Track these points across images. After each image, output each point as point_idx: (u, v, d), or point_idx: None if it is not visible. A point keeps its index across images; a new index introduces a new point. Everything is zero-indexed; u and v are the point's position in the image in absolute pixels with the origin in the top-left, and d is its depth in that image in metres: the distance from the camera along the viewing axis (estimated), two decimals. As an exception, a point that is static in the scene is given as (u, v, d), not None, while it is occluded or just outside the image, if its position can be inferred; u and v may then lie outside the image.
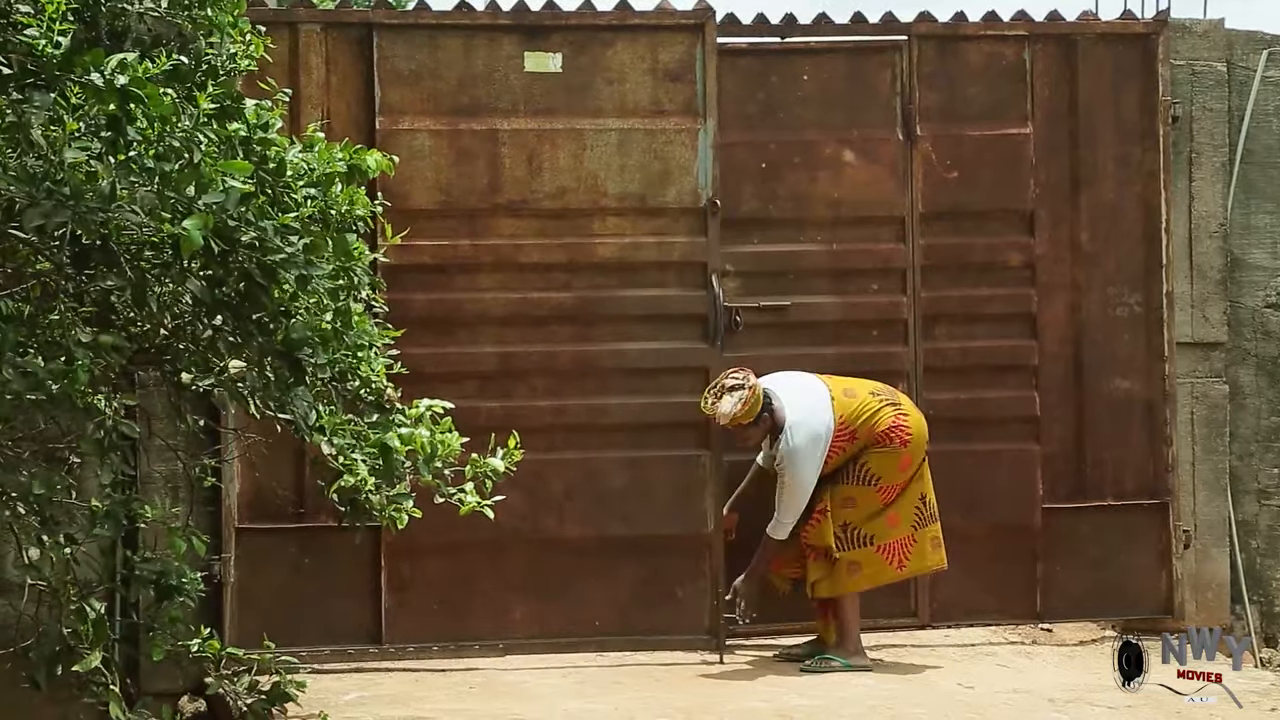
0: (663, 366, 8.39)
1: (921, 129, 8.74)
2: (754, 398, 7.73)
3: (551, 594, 8.22)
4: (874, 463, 7.91)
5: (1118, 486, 8.82)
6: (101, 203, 4.60)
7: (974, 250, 8.78)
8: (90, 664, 5.11)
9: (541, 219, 8.37)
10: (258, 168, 4.94)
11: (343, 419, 5.39)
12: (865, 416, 7.87)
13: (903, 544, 8.04)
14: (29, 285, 5.15)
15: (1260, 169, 9.07)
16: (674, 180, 8.41)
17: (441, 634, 8.15)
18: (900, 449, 7.90)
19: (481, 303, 8.28)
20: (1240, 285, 9.04)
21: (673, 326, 8.43)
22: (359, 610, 8.08)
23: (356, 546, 7.46)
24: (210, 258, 4.82)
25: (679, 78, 8.41)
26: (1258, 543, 9.03)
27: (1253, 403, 9.06)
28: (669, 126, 8.40)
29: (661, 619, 8.34)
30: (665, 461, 8.34)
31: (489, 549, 8.08)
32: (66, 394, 4.91)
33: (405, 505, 5.55)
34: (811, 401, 7.86)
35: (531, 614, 8.24)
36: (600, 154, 8.38)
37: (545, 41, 8.38)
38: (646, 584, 8.35)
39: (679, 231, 8.44)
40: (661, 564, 8.33)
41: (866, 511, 7.95)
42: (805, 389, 7.95)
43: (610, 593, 8.32)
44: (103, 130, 4.71)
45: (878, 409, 7.90)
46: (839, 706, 7.31)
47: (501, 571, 8.22)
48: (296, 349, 5.19)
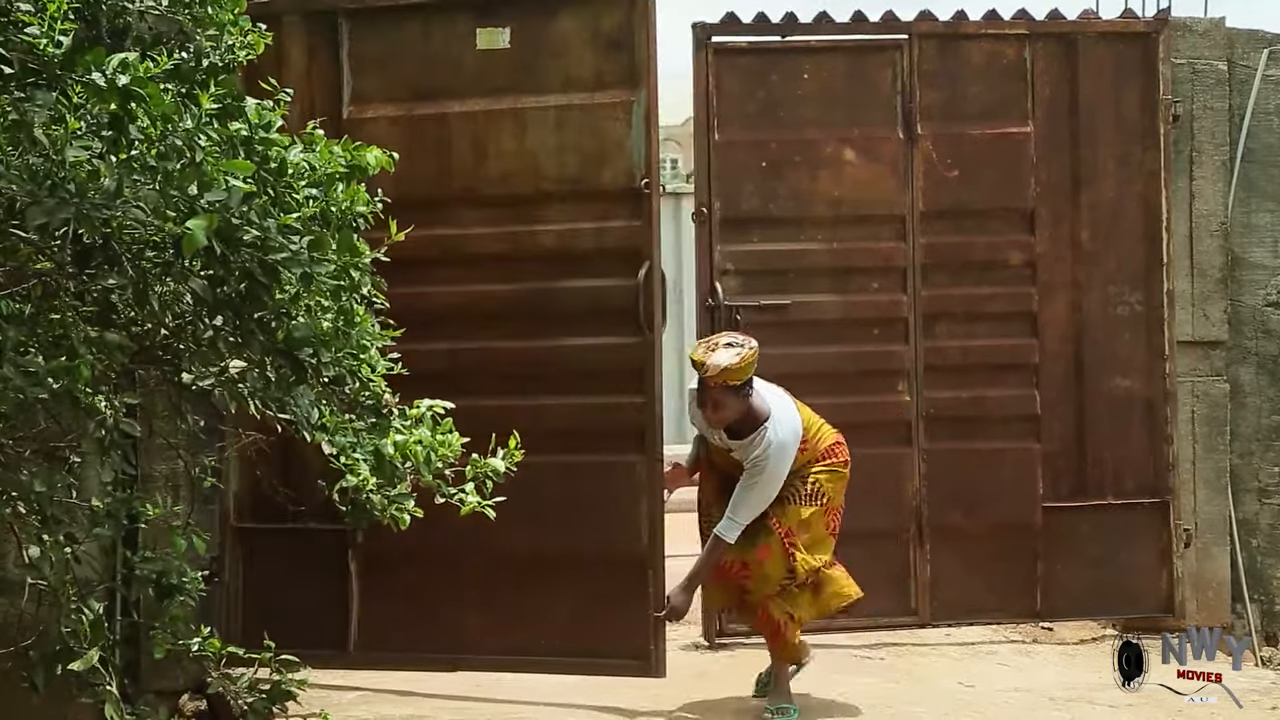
0: (599, 365, 7.59)
1: (922, 128, 8.74)
2: (752, 358, 6.98)
3: (496, 609, 7.70)
4: (824, 482, 7.21)
5: (1118, 485, 8.82)
6: (105, 200, 4.60)
7: (975, 249, 8.78)
8: (88, 663, 5.11)
9: (489, 207, 7.76)
10: (259, 167, 4.94)
11: (343, 419, 5.38)
12: (815, 428, 7.29)
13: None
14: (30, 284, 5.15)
15: (1261, 168, 9.07)
16: (610, 160, 7.63)
17: (403, 644, 7.74)
18: (843, 470, 7.27)
19: (430, 299, 7.58)
20: (1241, 284, 9.05)
21: (610, 320, 7.59)
22: (334, 614, 7.80)
23: (332, 551, 7.42)
24: (212, 257, 4.81)
25: (620, 45, 7.61)
26: (1258, 541, 9.03)
27: (1253, 401, 9.06)
28: (606, 100, 7.62)
29: (599, 638, 7.53)
30: (599, 468, 7.54)
31: (445, 560, 7.55)
32: (68, 392, 4.91)
33: (407, 505, 5.54)
34: (785, 402, 7.32)
35: (483, 628, 7.71)
36: (539, 134, 7.73)
37: (495, 16, 7.79)
38: (586, 600, 7.58)
39: (617, 216, 7.63)
40: (597, 579, 7.53)
41: (816, 533, 7.19)
42: (775, 391, 7.40)
43: (550, 609, 7.64)
44: (104, 129, 4.71)
45: (821, 425, 7.33)
46: (841, 706, 7.31)
47: (456, 583, 7.71)
48: (298, 348, 5.18)
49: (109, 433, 5.07)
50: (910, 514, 8.67)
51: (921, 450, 8.69)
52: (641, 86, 7.52)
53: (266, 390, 5.21)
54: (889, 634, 8.72)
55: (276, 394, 5.21)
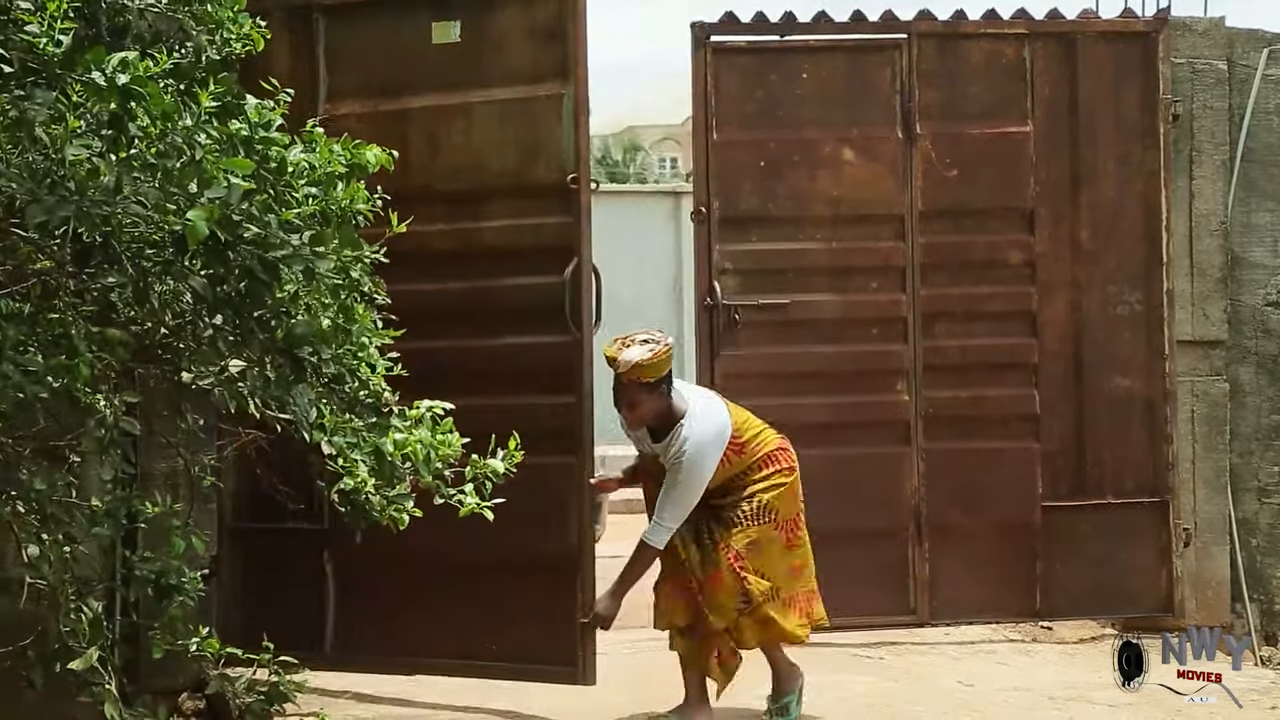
0: (532, 364, 7.34)
1: (921, 127, 8.74)
2: (666, 355, 6.63)
3: (438, 613, 7.48)
4: (769, 496, 6.83)
5: (1118, 484, 8.82)
6: (105, 198, 4.60)
7: (974, 248, 8.78)
8: (87, 662, 5.11)
9: (442, 204, 7.51)
10: (259, 166, 4.94)
11: (342, 419, 5.39)
12: (755, 430, 6.92)
13: (808, 596, 7.04)
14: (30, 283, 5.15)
15: (1261, 167, 9.08)
16: (544, 154, 7.40)
17: (370, 647, 7.58)
18: (789, 476, 6.89)
19: (397, 298, 6.83)
20: (1241, 283, 9.05)
21: (542, 319, 7.31)
22: (313, 615, 7.68)
23: (313, 552, 7.39)
24: (212, 254, 4.81)
25: (554, 37, 7.40)
26: (1258, 541, 9.04)
27: (1253, 401, 9.06)
28: (541, 94, 7.41)
29: (526, 644, 7.32)
30: (529, 470, 6.74)
31: (399, 563, 7.27)
32: (67, 391, 4.91)
33: (406, 506, 5.54)
34: (711, 400, 6.92)
35: (429, 632, 7.49)
36: (485, 129, 7.52)
37: (447, 10, 7.62)
38: (515, 605, 7.35)
39: (550, 212, 7.38)
40: (527, 583, 7.29)
41: (772, 556, 6.84)
42: (703, 391, 7.12)
43: (484, 614, 7.39)
44: (104, 127, 4.71)
45: (763, 428, 6.96)
46: (839, 705, 7.31)
47: (405, 587, 7.53)
48: (298, 346, 5.18)
49: (108, 431, 5.06)
50: (909, 513, 8.68)
51: (920, 449, 8.69)
52: (571, 80, 7.32)
53: (266, 389, 5.21)
54: (888, 633, 8.73)
55: (276, 393, 5.20)
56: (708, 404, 6.84)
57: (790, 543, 6.91)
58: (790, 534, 6.91)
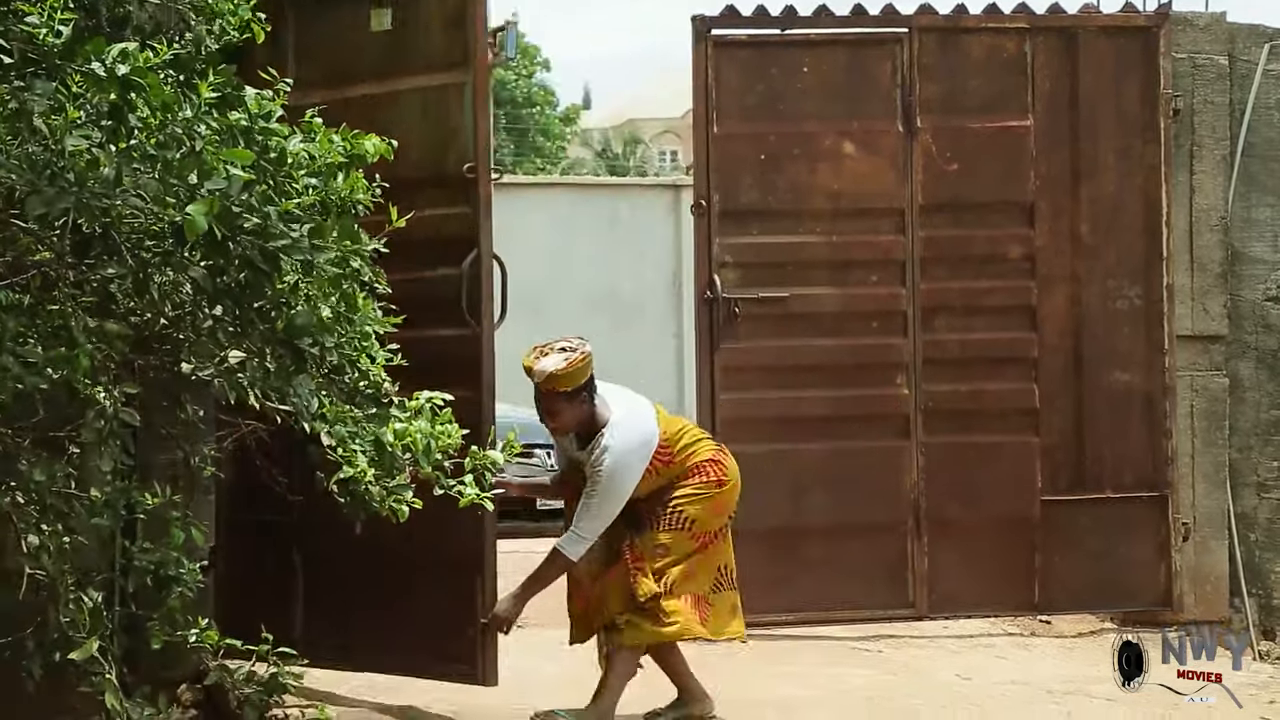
0: (435, 359, 6.81)
1: (922, 121, 8.75)
2: (583, 363, 6.50)
3: (359, 613, 7.30)
4: (688, 506, 6.63)
5: (1117, 479, 8.83)
6: (105, 189, 4.61)
7: (974, 242, 8.78)
8: (87, 652, 5.11)
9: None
10: (259, 157, 4.94)
11: (343, 409, 5.39)
12: (686, 441, 6.71)
13: (700, 600, 6.71)
14: (29, 275, 5.15)
15: (1261, 162, 9.08)
16: (451, 144, 7.14)
17: (330, 639, 7.28)
18: (716, 489, 6.66)
19: None
20: (1241, 278, 9.05)
21: (445, 312, 7.04)
22: (286, 607, 7.42)
23: (287, 545, 7.33)
24: (212, 245, 4.82)
25: (459, 23, 7.14)
26: (1257, 536, 9.05)
27: (1252, 396, 9.07)
28: (451, 82, 7.14)
29: (429, 642, 7.08)
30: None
31: (339, 558, 7.17)
32: (67, 382, 4.91)
33: (406, 496, 5.54)
34: (638, 407, 6.71)
35: (358, 630, 7.26)
36: (409, 118, 7.19)
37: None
38: (420, 604, 7.14)
39: (456, 203, 7.13)
40: (434, 582, 7.03)
41: (677, 559, 6.62)
42: (631, 397, 6.80)
43: (399, 612, 7.16)
44: (104, 118, 4.71)
45: (699, 438, 6.78)
46: (837, 698, 7.32)
47: (343, 582, 7.32)
48: (298, 336, 5.19)
49: (108, 422, 5.07)
50: (908, 507, 8.68)
51: (920, 443, 8.69)
52: (471, 68, 7.07)
53: (266, 380, 5.21)
54: (886, 626, 8.73)
55: (276, 383, 5.20)
56: (633, 412, 6.65)
57: (699, 549, 6.68)
58: (704, 544, 6.68)
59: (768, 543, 8.55)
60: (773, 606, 8.55)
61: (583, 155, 53.76)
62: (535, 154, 49.40)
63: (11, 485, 5.19)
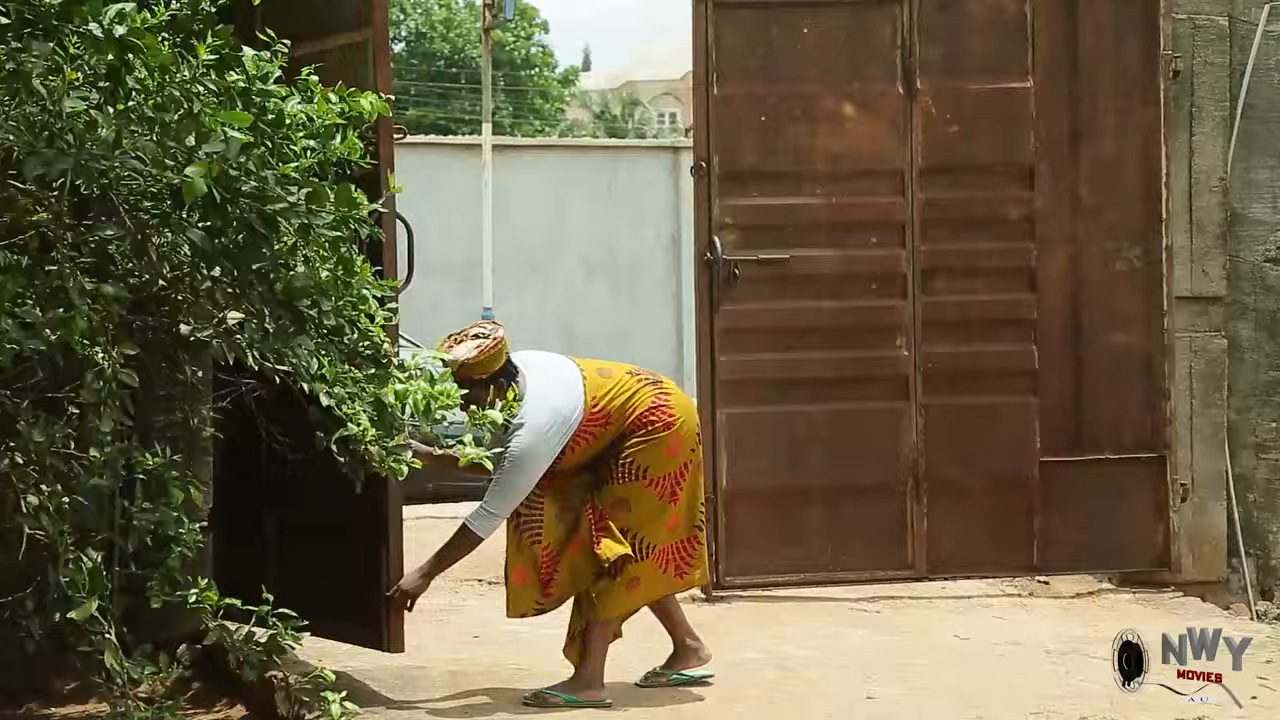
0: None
1: (922, 82, 8.72)
2: (495, 349, 6.45)
3: (288, 571, 7.03)
4: (638, 455, 6.56)
5: (1115, 440, 8.83)
6: (103, 151, 4.61)
7: (973, 204, 8.77)
8: (86, 612, 5.12)
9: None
10: (257, 119, 4.94)
11: (343, 370, 5.40)
12: (622, 397, 6.59)
13: (681, 547, 6.68)
14: (27, 236, 5.15)
15: (1261, 124, 9.06)
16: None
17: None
18: (663, 433, 6.56)
19: None
20: (1240, 240, 9.04)
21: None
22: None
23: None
24: (210, 207, 4.82)
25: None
26: (1254, 496, 9.05)
27: (1251, 357, 9.06)
28: (357, 40, 6.93)
29: (340, 606, 6.88)
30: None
31: (291, 523, 7.18)
32: (65, 343, 4.92)
33: (405, 457, 5.55)
34: (559, 377, 6.62)
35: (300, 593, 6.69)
36: (333, 77, 6.35)
37: None
38: (333, 568, 6.98)
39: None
40: (347, 549, 6.88)
41: (643, 512, 6.58)
42: (553, 365, 6.73)
43: (322, 579, 6.95)
44: (102, 80, 4.71)
45: (636, 389, 6.62)
46: (835, 658, 7.33)
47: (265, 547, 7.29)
48: (297, 298, 5.19)
49: (107, 383, 5.08)
50: (907, 468, 8.68)
51: (919, 405, 8.69)
52: (369, 24, 6.87)
53: (265, 341, 5.22)
54: (885, 587, 8.73)
55: (275, 345, 5.21)
56: (549, 389, 6.54)
57: (667, 496, 6.61)
58: (667, 488, 6.60)
59: (767, 504, 8.58)
60: (771, 567, 8.59)
61: (581, 117, 53.70)
62: (534, 116, 49.35)
63: (11, 446, 5.20)
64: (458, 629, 7.93)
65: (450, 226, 24.53)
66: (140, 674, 5.36)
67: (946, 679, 6.98)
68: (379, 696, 6.52)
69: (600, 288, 25.47)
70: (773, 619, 8.17)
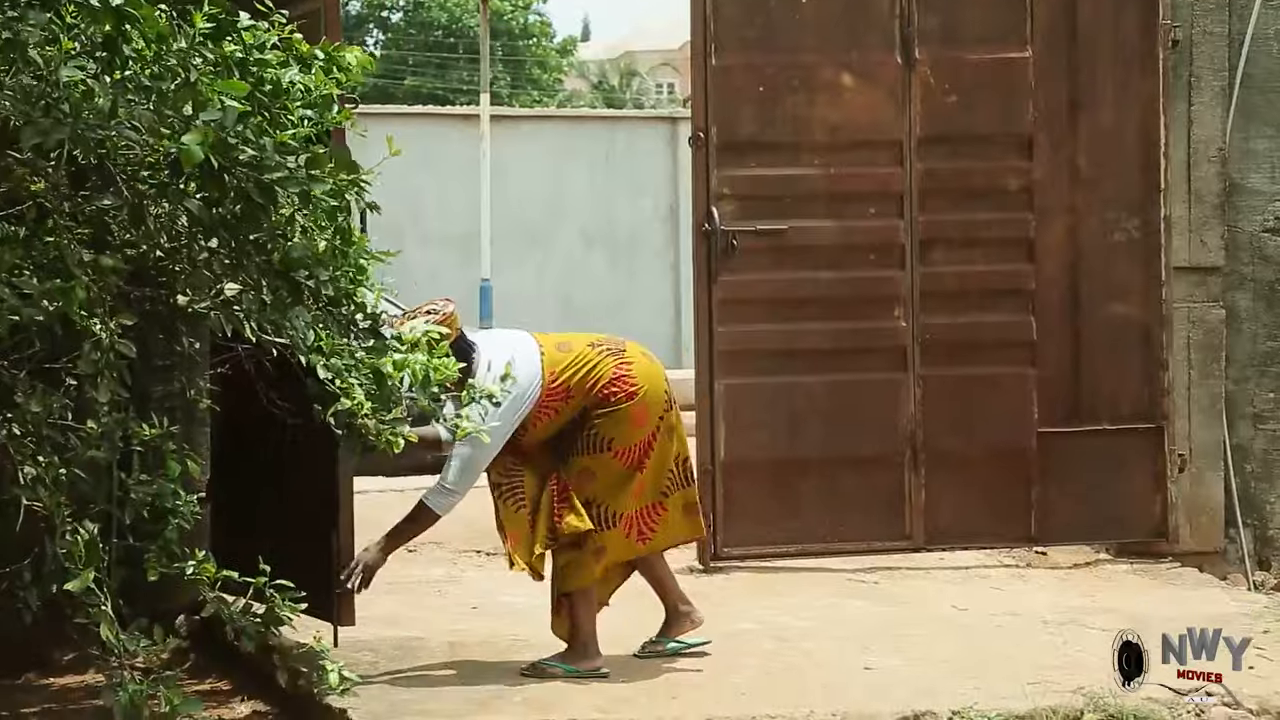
0: None
1: (920, 52, 8.70)
2: (447, 325, 6.31)
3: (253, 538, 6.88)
4: (602, 427, 6.55)
5: (1113, 411, 8.83)
6: (100, 120, 4.59)
7: (972, 175, 8.76)
8: (83, 583, 5.12)
9: None
10: (254, 88, 4.93)
11: (340, 342, 5.39)
12: (583, 370, 6.56)
13: (646, 513, 6.67)
14: (25, 206, 5.14)
15: (1260, 93, 9.03)
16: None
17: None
18: (626, 404, 6.53)
19: None
20: (1238, 210, 9.02)
21: None
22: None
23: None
24: (208, 177, 4.81)
25: None
26: (1252, 466, 9.05)
27: (1249, 327, 9.05)
28: (316, 7, 6.85)
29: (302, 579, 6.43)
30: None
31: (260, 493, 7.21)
32: (63, 314, 4.91)
33: (402, 430, 5.55)
34: (516, 353, 6.54)
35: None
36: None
37: None
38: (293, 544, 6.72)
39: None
40: (299, 527, 6.83)
41: (608, 482, 6.59)
42: (510, 343, 6.66)
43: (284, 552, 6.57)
44: (98, 50, 4.70)
45: (597, 360, 6.58)
46: (833, 628, 7.34)
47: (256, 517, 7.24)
48: (294, 269, 5.18)
49: (104, 354, 5.07)
50: (905, 439, 8.68)
51: (917, 376, 8.69)
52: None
53: (262, 312, 5.21)
54: (883, 558, 8.74)
55: (273, 316, 5.20)
56: (504, 362, 6.45)
57: (634, 466, 6.59)
58: (634, 458, 6.59)
59: (765, 475, 8.59)
60: (769, 538, 8.60)
61: (579, 87, 53.61)
62: (532, 86, 49.25)
63: (8, 417, 5.19)
64: (456, 600, 7.95)
65: (448, 197, 24.50)
66: (136, 646, 5.35)
67: (944, 649, 6.99)
68: (378, 667, 6.52)
69: (598, 258, 25.44)
70: (770, 590, 8.18)
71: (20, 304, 4.83)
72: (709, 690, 6.33)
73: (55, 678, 7.01)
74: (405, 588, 8.09)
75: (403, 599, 7.82)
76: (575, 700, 6.09)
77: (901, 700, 6.13)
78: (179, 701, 5.31)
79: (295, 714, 6.30)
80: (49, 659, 7.05)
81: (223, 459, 7.47)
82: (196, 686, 6.83)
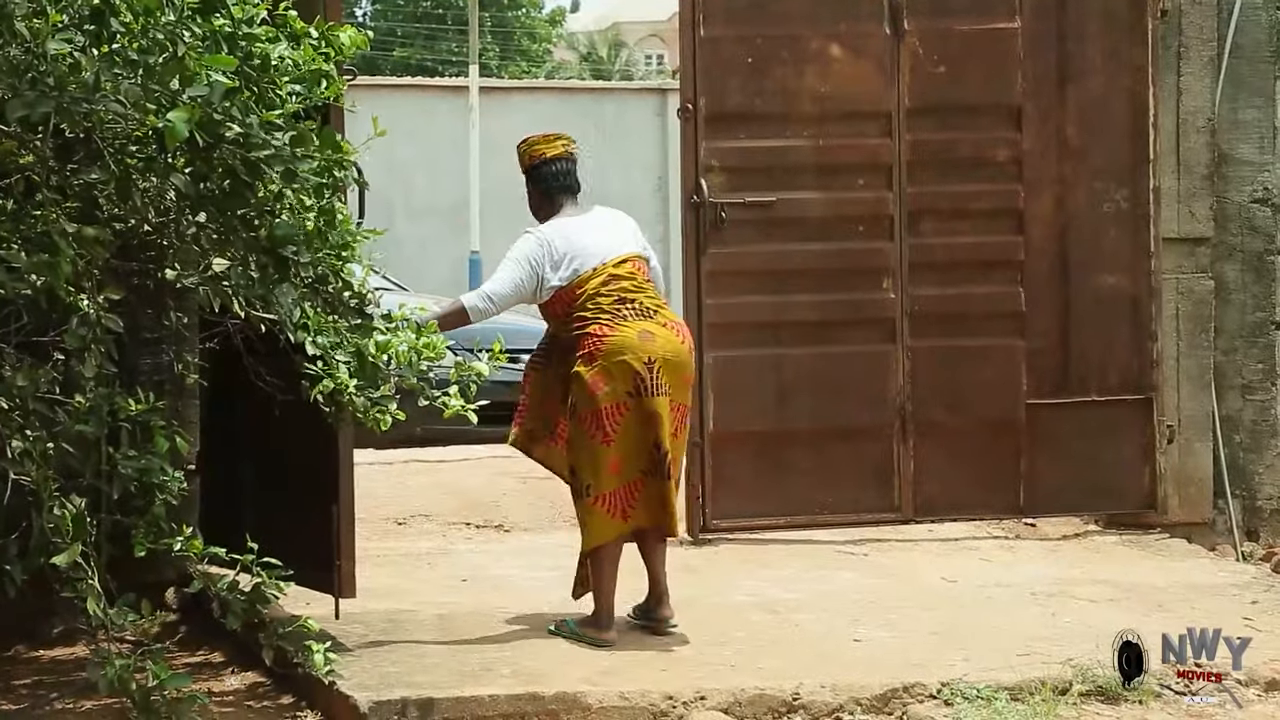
0: None
1: (909, 23, 8.68)
2: (554, 140, 6.88)
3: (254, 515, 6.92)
4: (570, 387, 6.51)
5: (1102, 382, 8.83)
6: (85, 94, 4.58)
7: (961, 146, 8.75)
8: (70, 558, 5.11)
9: None
10: (242, 63, 4.91)
11: (327, 319, 5.38)
12: (594, 303, 6.53)
13: (626, 491, 6.52)
14: (12, 179, 5.13)
15: (1249, 63, 9.02)
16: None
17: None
18: (586, 361, 6.45)
19: None
20: (1227, 180, 9.02)
21: None
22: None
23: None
24: (195, 152, 4.80)
25: None
26: (1241, 437, 9.06)
27: (1238, 298, 9.06)
28: None
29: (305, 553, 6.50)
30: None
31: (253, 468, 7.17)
32: (50, 288, 4.90)
33: (389, 408, 5.54)
34: (593, 232, 6.73)
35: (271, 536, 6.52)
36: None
37: None
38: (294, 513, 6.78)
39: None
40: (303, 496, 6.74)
41: (581, 450, 6.52)
42: (606, 227, 6.85)
43: (284, 524, 6.64)
44: (86, 23, 4.68)
45: (611, 311, 6.53)
46: (823, 600, 7.35)
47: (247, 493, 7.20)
48: (281, 245, 5.17)
49: (91, 328, 5.06)
50: (894, 410, 8.68)
51: (906, 347, 8.69)
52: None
53: (250, 288, 5.20)
54: (872, 530, 8.76)
55: (260, 291, 5.19)
56: (576, 225, 6.75)
57: (596, 436, 6.46)
58: (592, 425, 6.46)
59: (754, 447, 8.58)
60: (758, 510, 8.59)
61: (568, 58, 53.49)
62: (520, 57, 49.14)
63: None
64: (446, 573, 7.94)
65: (437, 169, 24.45)
66: (123, 621, 5.34)
67: (933, 621, 7.00)
68: (368, 639, 6.52)
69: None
70: (760, 561, 8.19)
71: (7, 277, 4.82)
72: (699, 662, 6.33)
73: (45, 650, 7.00)
74: (395, 560, 8.10)
75: (393, 571, 7.82)
76: (565, 673, 6.09)
77: (891, 672, 6.14)
78: (166, 675, 5.30)
79: (286, 686, 6.29)
80: (39, 631, 7.04)
81: (214, 430, 7.45)
82: (187, 659, 6.82)
